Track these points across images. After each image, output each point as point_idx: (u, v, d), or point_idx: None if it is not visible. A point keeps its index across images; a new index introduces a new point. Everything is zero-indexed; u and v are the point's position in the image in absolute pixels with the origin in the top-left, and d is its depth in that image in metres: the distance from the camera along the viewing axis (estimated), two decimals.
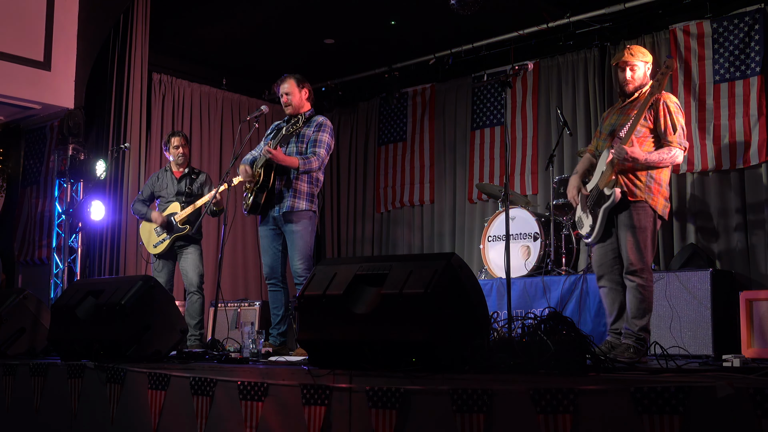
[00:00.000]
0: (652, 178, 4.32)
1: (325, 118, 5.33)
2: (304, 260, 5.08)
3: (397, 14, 8.00)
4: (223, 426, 3.15)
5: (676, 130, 4.31)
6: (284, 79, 5.33)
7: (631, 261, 4.27)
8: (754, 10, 6.71)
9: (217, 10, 7.90)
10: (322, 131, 5.21)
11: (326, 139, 5.20)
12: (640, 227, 4.27)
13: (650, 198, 4.31)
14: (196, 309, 6.20)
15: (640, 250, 4.25)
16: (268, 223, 5.22)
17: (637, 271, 4.25)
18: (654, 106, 4.35)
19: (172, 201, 6.31)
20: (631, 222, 4.29)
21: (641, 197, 4.30)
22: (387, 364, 3.02)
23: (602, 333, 5.55)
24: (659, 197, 4.34)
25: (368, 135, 9.75)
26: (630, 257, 4.27)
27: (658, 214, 4.33)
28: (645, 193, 4.30)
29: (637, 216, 4.29)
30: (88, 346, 4.12)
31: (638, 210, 4.30)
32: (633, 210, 4.30)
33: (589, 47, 7.80)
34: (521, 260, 6.40)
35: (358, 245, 9.63)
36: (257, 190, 5.13)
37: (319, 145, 5.16)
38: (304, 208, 5.12)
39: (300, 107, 5.30)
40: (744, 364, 3.70)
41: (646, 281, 4.26)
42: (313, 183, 5.21)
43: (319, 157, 5.13)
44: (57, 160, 7.93)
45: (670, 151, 4.29)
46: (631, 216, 4.30)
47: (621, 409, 2.30)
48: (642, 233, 4.27)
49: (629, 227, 4.29)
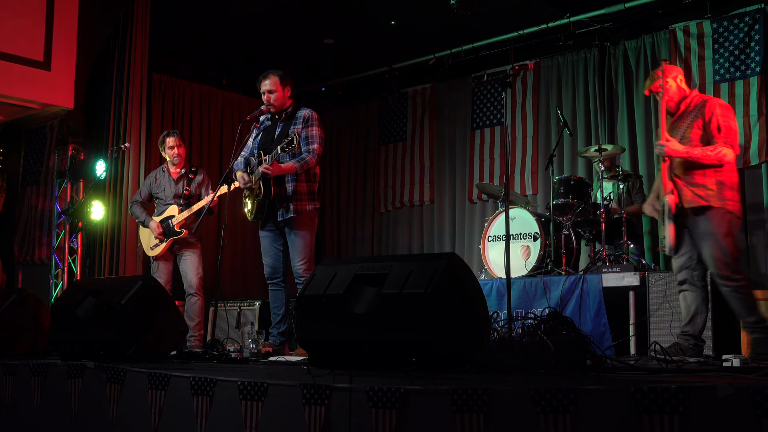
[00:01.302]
0: (722, 184, 4.36)
1: (310, 110, 5.22)
2: (305, 261, 5.07)
3: (397, 14, 8.01)
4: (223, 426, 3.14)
5: (721, 130, 4.36)
6: (267, 75, 5.21)
7: (717, 266, 4.31)
8: (754, 10, 6.71)
9: (217, 10, 7.90)
10: (311, 125, 5.14)
11: (317, 132, 5.14)
12: (721, 233, 4.30)
13: (725, 203, 4.34)
14: (196, 310, 6.19)
15: (725, 255, 4.29)
16: (270, 226, 5.20)
17: (727, 276, 4.30)
18: (701, 112, 4.43)
19: (170, 204, 6.30)
20: (710, 229, 4.33)
21: (716, 204, 4.33)
22: (387, 364, 3.02)
23: (602, 333, 5.56)
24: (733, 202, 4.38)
25: (368, 135, 9.75)
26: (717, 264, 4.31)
27: (736, 215, 4.37)
28: (718, 199, 4.34)
29: (717, 222, 4.32)
30: (88, 346, 4.11)
31: (714, 216, 4.34)
32: (710, 217, 4.34)
33: (589, 47, 7.81)
34: (521, 260, 6.40)
35: (358, 245, 9.63)
36: (259, 202, 5.10)
37: (312, 141, 5.11)
38: (307, 209, 5.10)
39: (283, 104, 5.23)
40: (744, 364, 3.70)
41: (738, 282, 4.30)
42: (311, 180, 5.17)
43: (314, 154, 5.09)
44: (57, 160, 7.93)
45: (714, 148, 4.34)
46: (710, 223, 4.34)
47: (621, 409, 2.30)
48: (726, 238, 4.30)
49: (709, 234, 4.33)
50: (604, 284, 5.65)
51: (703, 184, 4.36)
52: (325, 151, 9.75)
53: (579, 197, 6.42)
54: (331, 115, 10.04)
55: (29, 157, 8.42)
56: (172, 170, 6.41)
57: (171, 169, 6.41)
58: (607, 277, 5.66)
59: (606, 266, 5.78)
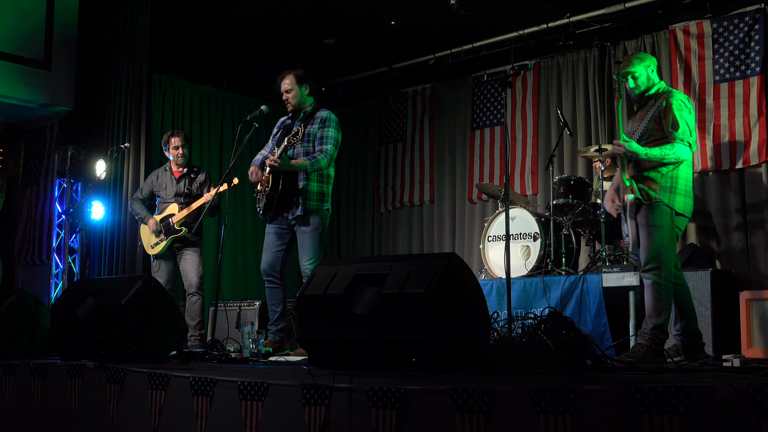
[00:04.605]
0: (667, 177, 4.35)
1: (329, 112, 5.28)
2: (312, 261, 5.05)
3: (397, 14, 8.00)
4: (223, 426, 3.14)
5: (679, 126, 4.33)
6: (284, 75, 5.26)
7: (645, 259, 4.33)
8: (754, 10, 6.71)
9: (217, 10, 7.90)
10: (328, 126, 5.17)
11: (332, 134, 5.17)
12: (655, 225, 4.31)
13: (665, 197, 4.34)
14: (196, 310, 6.19)
15: (654, 248, 4.29)
16: (279, 222, 5.20)
17: (652, 269, 4.30)
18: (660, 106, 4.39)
19: (171, 202, 6.30)
20: (646, 221, 4.34)
21: (656, 199, 4.34)
22: (387, 364, 3.02)
23: (602, 333, 5.56)
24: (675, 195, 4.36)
25: (368, 135, 9.75)
26: (645, 255, 4.33)
27: (676, 211, 4.36)
28: (660, 193, 4.34)
29: (652, 215, 4.34)
30: (88, 346, 4.12)
31: (653, 209, 4.34)
32: (649, 210, 4.35)
33: (589, 47, 7.80)
34: (521, 260, 6.40)
35: (358, 245, 9.63)
36: (268, 196, 5.11)
37: (326, 142, 5.12)
38: (315, 208, 5.11)
39: (301, 104, 5.25)
40: (744, 364, 3.70)
41: (660, 279, 4.30)
42: (323, 181, 5.18)
43: (327, 154, 5.10)
44: (57, 160, 7.93)
45: (672, 146, 4.32)
46: (646, 215, 4.35)
47: (621, 409, 2.30)
48: (658, 231, 4.30)
49: (644, 226, 4.35)
50: (604, 284, 5.65)
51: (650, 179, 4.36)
52: None
53: (579, 197, 6.43)
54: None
55: (29, 157, 8.43)
56: (175, 169, 6.41)
57: (174, 169, 6.42)
58: (607, 277, 5.66)
59: (606, 266, 5.77)
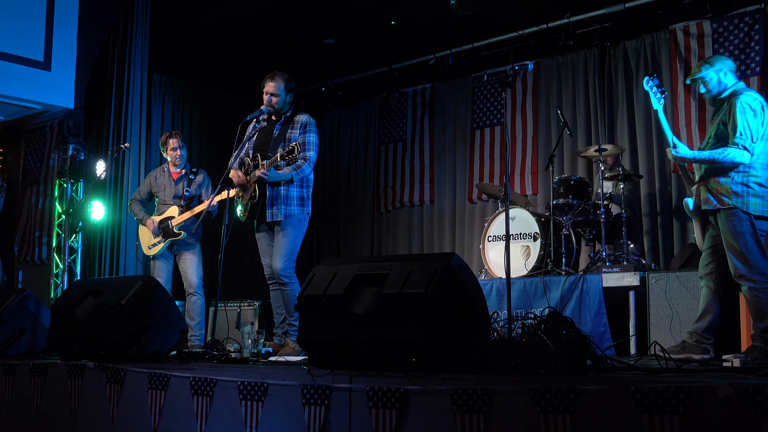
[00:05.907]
0: (738, 183, 4.32)
1: (307, 116, 5.26)
2: (284, 260, 5.09)
3: (397, 14, 8.01)
4: (223, 426, 3.15)
5: (737, 130, 4.28)
6: (274, 77, 5.21)
7: (735, 267, 4.30)
8: (754, 10, 6.71)
9: (217, 10, 7.90)
10: (309, 132, 5.18)
11: (313, 139, 5.18)
12: (735, 232, 4.29)
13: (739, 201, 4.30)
14: (196, 310, 6.19)
15: (740, 255, 4.27)
16: (263, 229, 5.25)
17: (743, 276, 4.28)
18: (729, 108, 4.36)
19: (170, 204, 6.29)
20: (726, 229, 4.32)
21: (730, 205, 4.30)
22: (387, 364, 3.02)
23: (602, 333, 5.56)
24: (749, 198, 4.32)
25: (368, 135, 9.75)
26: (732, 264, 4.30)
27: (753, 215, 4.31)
28: (733, 199, 4.30)
29: (731, 222, 4.31)
30: (88, 346, 4.12)
31: (730, 216, 4.31)
32: (726, 217, 4.33)
33: (589, 47, 7.80)
34: (521, 260, 6.40)
35: (358, 245, 9.63)
36: (252, 205, 5.13)
37: (308, 148, 5.13)
38: (295, 213, 5.13)
39: (282, 109, 5.25)
40: (744, 364, 3.70)
41: (756, 283, 4.26)
42: (303, 186, 5.20)
43: (311, 162, 5.14)
44: (57, 160, 7.93)
45: (725, 149, 4.29)
46: (725, 224, 4.33)
47: (621, 409, 2.30)
48: (740, 238, 4.28)
49: (725, 234, 4.33)
50: (604, 284, 5.65)
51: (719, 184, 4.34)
52: (325, 151, 9.84)
53: (579, 197, 6.42)
54: (331, 115, 10.04)
55: (29, 157, 8.42)
56: (173, 171, 6.40)
57: (172, 170, 6.41)
58: (607, 277, 5.66)
59: (606, 266, 5.78)
